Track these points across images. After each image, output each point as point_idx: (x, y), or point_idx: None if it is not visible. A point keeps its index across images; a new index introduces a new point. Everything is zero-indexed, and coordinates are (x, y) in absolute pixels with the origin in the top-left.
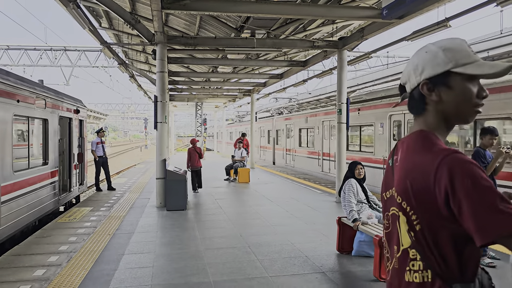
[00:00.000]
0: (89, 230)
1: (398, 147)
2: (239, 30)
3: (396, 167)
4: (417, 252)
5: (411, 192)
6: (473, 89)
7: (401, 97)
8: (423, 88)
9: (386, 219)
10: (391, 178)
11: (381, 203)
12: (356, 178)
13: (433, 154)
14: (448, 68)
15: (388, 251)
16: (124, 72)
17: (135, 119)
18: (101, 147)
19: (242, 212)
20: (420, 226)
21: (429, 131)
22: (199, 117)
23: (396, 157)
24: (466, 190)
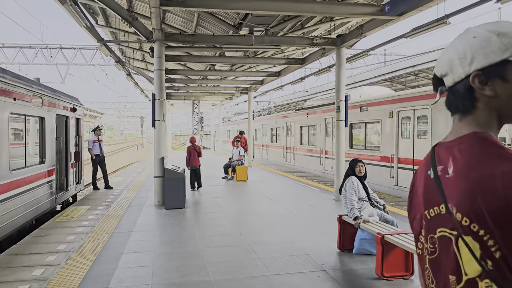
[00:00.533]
0: (87, 229)
1: (439, 154)
2: (237, 27)
3: (449, 179)
4: (493, 282)
5: (486, 212)
6: None
7: (438, 92)
8: (474, 81)
9: (430, 242)
10: (435, 193)
11: (415, 222)
12: (357, 175)
13: (503, 164)
14: (506, 57)
15: (432, 281)
16: (121, 70)
17: (131, 117)
18: (98, 145)
19: (241, 211)
20: (501, 253)
21: (487, 134)
22: (196, 115)
23: (442, 167)
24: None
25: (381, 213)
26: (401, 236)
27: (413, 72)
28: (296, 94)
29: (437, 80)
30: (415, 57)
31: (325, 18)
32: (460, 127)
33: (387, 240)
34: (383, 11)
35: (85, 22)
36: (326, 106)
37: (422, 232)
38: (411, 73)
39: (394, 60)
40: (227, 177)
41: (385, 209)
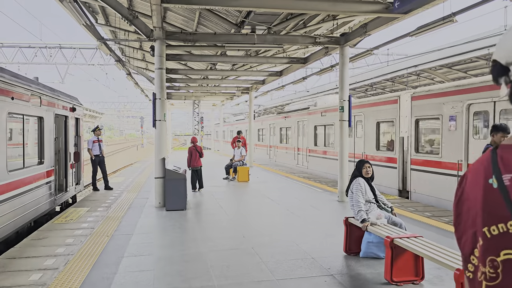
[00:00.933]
0: (87, 231)
1: (506, 158)
2: (239, 26)
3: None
4: None
5: None
6: None
7: (503, 83)
8: None
9: (491, 266)
10: (501, 207)
11: (464, 239)
12: (364, 177)
13: None
14: None
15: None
16: (121, 69)
17: (131, 117)
18: (97, 145)
19: (244, 212)
20: None
21: None
22: (196, 115)
23: (510, 175)
24: None
25: (388, 215)
26: (411, 239)
27: (414, 72)
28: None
29: (500, 68)
30: (417, 57)
31: (327, 17)
32: None
33: (396, 244)
34: (389, 9)
35: (84, 20)
36: (298, 111)
37: (475, 252)
38: (412, 73)
39: (396, 60)
40: (228, 178)
41: (393, 211)
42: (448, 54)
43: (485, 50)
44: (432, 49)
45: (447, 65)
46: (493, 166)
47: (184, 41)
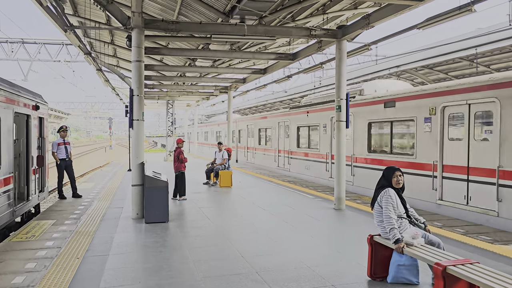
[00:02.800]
0: (52, 252)
1: None
2: (228, 15)
3: None
4: None
5: None
6: None
7: None
8: None
9: None
10: None
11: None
12: (394, 187)
13: None
14: None
15: None
16: (91, 63)
17: (99, 118)
18: (63, 148)
19: (235, 224)
20: None
21: None
22: (170, 116)
23: None
24: None
25: (424, 233)
26: (465, 266)
27: (395, 73)
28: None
29: None
30: (400, 57)
31: (316, 11)
32: None
33: (450, 273)
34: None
35: (47, 2)
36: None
37: None
38: (393, 74)
39: (387, 58)
40: (209, 183)
41: (426, 227)
42: (430, 55)
43: (472, 50)
44: (415, 49)
45: (428, 66)
46: None
47: (165, 31)
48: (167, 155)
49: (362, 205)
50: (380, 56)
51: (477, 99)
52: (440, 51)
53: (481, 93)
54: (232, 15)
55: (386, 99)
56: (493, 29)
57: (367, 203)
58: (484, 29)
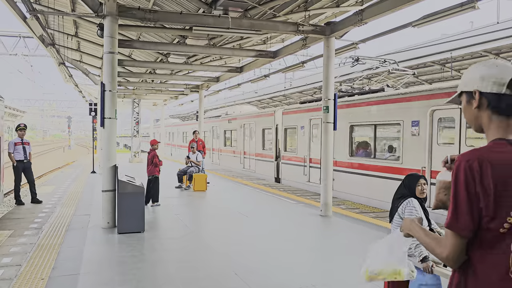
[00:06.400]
0: (10, 271)
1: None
2: (210, 5)
3: None
4: None
5: None
6: None
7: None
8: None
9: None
10: None
11: (505, 209)
12: (417, 197)
13: None
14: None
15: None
16: (54, 57)
17: (56, 117)
18: (21, 148)
19: (220, 235)
20: None
21: None
22: (136, 115)
23: None
24: None
25: None
26: None
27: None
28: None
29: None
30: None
31: (298, 8)
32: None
33: None
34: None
35: None
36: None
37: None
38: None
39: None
40: (181, 187)
41: None
42: (406, 58)
43: (447, 54)
44: (389, 51)
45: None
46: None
47: (142, 20)
48: (132, 156)
49: (348, 211)
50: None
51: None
52: (414, 55)
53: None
54: (216, 6)
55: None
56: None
57: (352, 208)
58: (451, 35)
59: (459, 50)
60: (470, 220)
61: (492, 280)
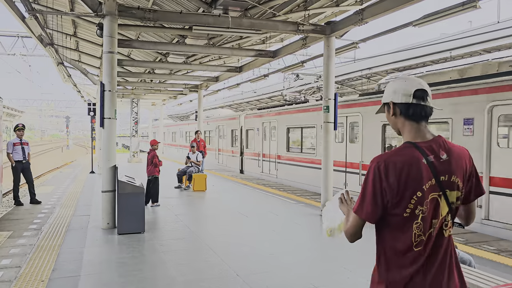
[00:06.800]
0: (10, 273)
1: (429, 148)
2: (210, 5)
3: (443, 162)
4: (449, 214)
5: (467, 175)
6: None
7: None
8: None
9: (425, 204)
10: (428, 173)
11: (407, 195)
12: None
13: (463, 148)
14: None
15: (421, 229)
16: (53, 56)
17: (55, 117)
18: (20, 149)
19: (220, 235)
20: (462, 195)
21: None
22: (135, 115)
23: (433, 156)
24: (476, 169)
25: (456, 251)
26: None
27: (365, 75)
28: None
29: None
30: (371, 59)
31: (297, 8)
32: (426, 131)
33: None
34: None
35: None
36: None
37: (412, 201)
38: (363, 76)
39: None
40: (181, 187)
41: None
42: (404, 57)
43: (446, 53)
44: (387, 51)
45: (398, 68)
46: (422, 153)
47: (141, 20)
48: (131, 156)
49: None
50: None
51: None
52: (413, 54)
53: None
54: (216, 5)
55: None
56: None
57: None
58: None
59: (459, 50)
60: (372, 210)
61: (400, 252)
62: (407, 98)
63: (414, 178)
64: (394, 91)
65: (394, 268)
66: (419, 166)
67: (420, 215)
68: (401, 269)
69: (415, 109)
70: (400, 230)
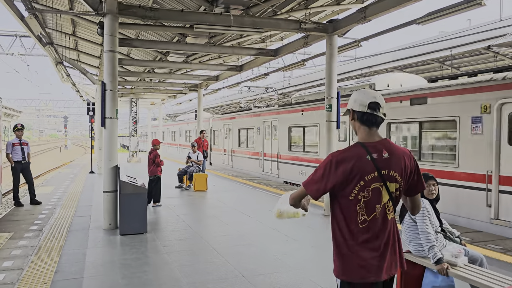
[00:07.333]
0: (12, 275)
1: (373, 148)
2: (211, 3)
3: (384, 159)
4: (391, 201)
5: (404, 171)
6: None
7: (382, 118)
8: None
9: (366, 192)
10: (371, 167)
11: (352, 184)
12: (427, 198)
13: (405, 150)
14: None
15: (364, 211)
16: (53, 56)
17: (53, 117)
18: (19, 149)
19: (222, 235)
20: (401, 187)
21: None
22: (134, 114)
23: (376, 154)
24: (418, 168)
25: (463, 248)
26: None
27: (365, 73)
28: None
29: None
30: (371, 57)
31: (298, 6)
32: (377, 134)
33: None
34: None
35: None
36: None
37: (356, 188)
38: (363, 74)
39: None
40: (182, 187)
41: (462, 241)
42: (404, 56)
43: (447, 51)
44: (387, 50)
45: (398, 67)
46: (367, 151)
47: (142, 18)
48: (130, 156)
49: None
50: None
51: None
52: (413, 53)
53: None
54: (217, 4)
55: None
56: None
57: None
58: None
59: (459, 48)
60: (315, 189)
61: (348, 227)
62: (363, 108)
63: (358, 170)
64: (355, 101)
65: (347, 242)
66: (362, 161)
67: (363, 200)
68: (354, 243)
69: (368, 117)
70: (347, 209)
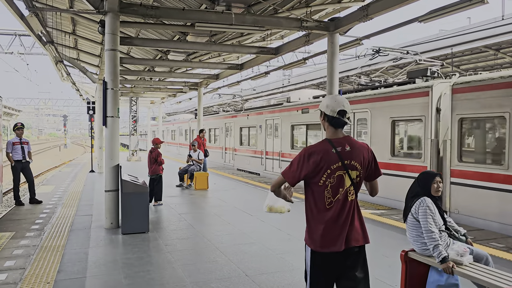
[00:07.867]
0: (14, 275)
1: (337, 142)
2: (213, 1)
3: (347, 152)
4: (353, 186)
5: (364, 161)
6: None
7: (346, 122)
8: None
9: (332, 178)
10: (336, 158)
11: (321, 173)
12: (432, 195)
13: (364, 144)
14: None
15: (330, 194)
16: (53, 54)
17: (52, 116)
18: (19, 148)
19: (225, 234)
20: (361, 174)
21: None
22: (134, 113)
23: (340, 148)
24: (375, 158)
25: (471, 248)
26: None
27: (364, 72)
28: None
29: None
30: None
31: (299, 4)
32: (341, 132)
33: None
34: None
35: None
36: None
37: (324, 175)
38: (362, 73)
39: (349, 59)
40: (182, 185)
41: (467, 239)
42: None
43: (447, 50)
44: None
45: (398, 65)
46: (332, 145)
47: (143, 17)
48: (130, 155)
49: None
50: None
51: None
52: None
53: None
54: (219, 2)
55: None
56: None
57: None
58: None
59: (460, 46)
60: (292, 177)
61: (318, 208)
62: (333, 113)
63: (325, 161)
64: (327, 106)
65: (315, 219)
66: (329, 153)
67: (329, 185)
68: (320, 219)
69: (336, 121)
70: (317, 193)
